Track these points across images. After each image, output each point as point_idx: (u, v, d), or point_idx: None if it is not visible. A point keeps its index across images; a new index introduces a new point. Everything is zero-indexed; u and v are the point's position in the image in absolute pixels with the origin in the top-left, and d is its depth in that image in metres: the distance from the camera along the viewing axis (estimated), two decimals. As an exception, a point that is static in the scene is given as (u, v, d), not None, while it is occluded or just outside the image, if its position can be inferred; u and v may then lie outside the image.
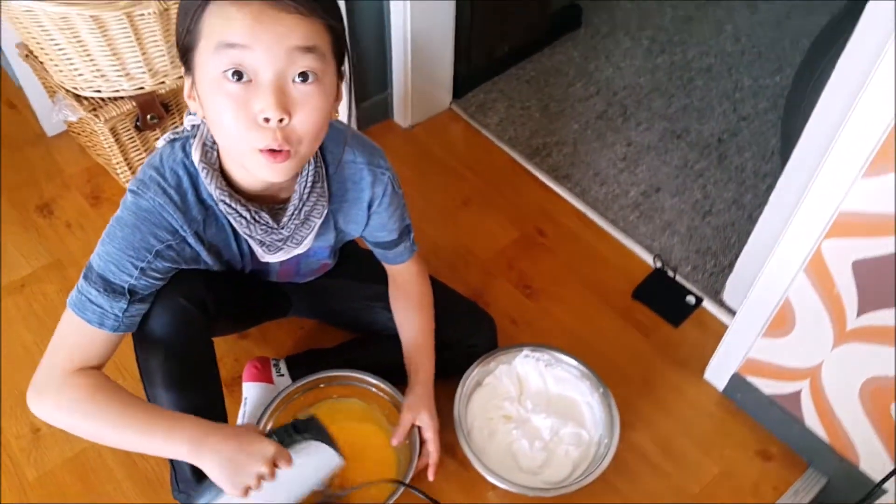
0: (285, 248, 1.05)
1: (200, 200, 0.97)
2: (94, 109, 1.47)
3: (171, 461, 1.14)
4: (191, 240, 0.98)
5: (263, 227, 1.00)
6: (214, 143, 0.95)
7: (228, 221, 0.99)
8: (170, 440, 0.93)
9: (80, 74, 1.42)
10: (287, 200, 1.01)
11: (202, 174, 0.94)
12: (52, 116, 1.57)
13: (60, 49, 1.38)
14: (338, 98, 0.92)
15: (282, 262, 1.11)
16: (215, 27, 0.80)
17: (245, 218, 0.97)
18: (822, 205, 1.01)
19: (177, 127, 1.05)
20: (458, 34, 1.84)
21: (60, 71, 1.45)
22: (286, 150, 0.85)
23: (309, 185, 1.00)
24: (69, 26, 1.32)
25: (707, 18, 2.29)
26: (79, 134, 1.75)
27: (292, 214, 1.01)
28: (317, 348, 1.39)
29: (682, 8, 2.33)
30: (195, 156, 0.94)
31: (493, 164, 1.83)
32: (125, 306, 0.94)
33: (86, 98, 1.48)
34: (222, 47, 0.80)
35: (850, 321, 1.08)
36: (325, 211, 1.05)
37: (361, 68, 1.77)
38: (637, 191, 1.77)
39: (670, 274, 1.57)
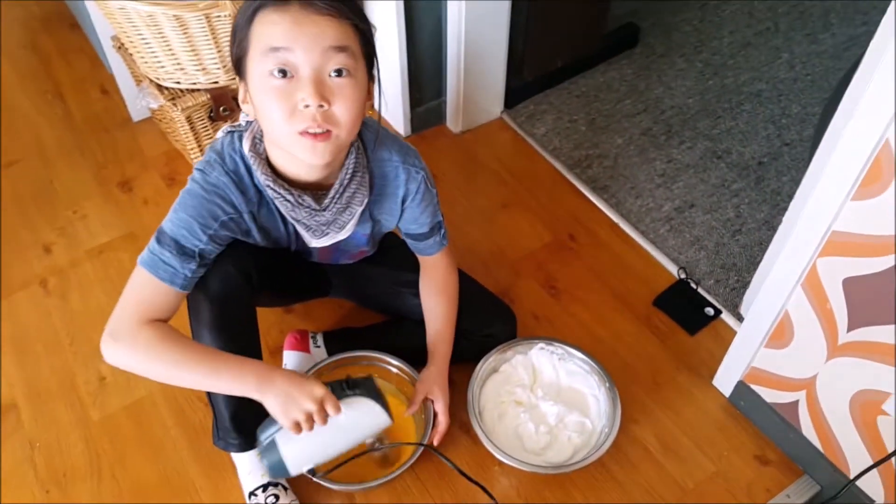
0: (330, 234, 1.18)
1: (255, 185, 1.11)
2: (173, 99, 1.64)
3: (214, 412, 1.28)
4: (246, 217, 1.12)
5: (307, 209, 1.13)
6: (262, 136, 1.09)
7: (276, 206, 1.13)
8: (239, 376, 1.06)
9: (162, 66, 1.60)
10: (330, 188, 1.14)
11: (251, 161, 1.08)
12: (137, 103, 1.75)
13: (147, 43, 1.56)
14: (369, 98, 1.05)
15: (320, 255, 1.24)
16: (262, 35, 0.97)
17: (289, 201, 1.11)
18: (816, 224, 1.08)
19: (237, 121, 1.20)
20: (512, 48, 1.95)
21: (146, 62, 1.63)
22: (326, 129, 0.99)
23: (350, 172, 1.13)
24: (155, 23, 1.49)
25: (765, 45, 2.33)
26: (160, 120, 1.93)
27: (334, 198, 1.14)
28: (351, 326, 1.53)
29: (741, 34, 2.37)
30: (245, 146, 1.09)
31: (536, 172, 1.93)
32: (195, 267, 1.08)
33: (167, 88, 1.66)
34: (268, 51, 0.96)
35: (841, 336, 1.14)
36: (366, 199, 1.18)
37: (418, 75, 1.90)
38: (671, 206, 1.84)
39: (693, 286, 1.64)
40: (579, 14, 2.05)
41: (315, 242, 1.19)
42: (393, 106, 1.95)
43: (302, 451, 1.12)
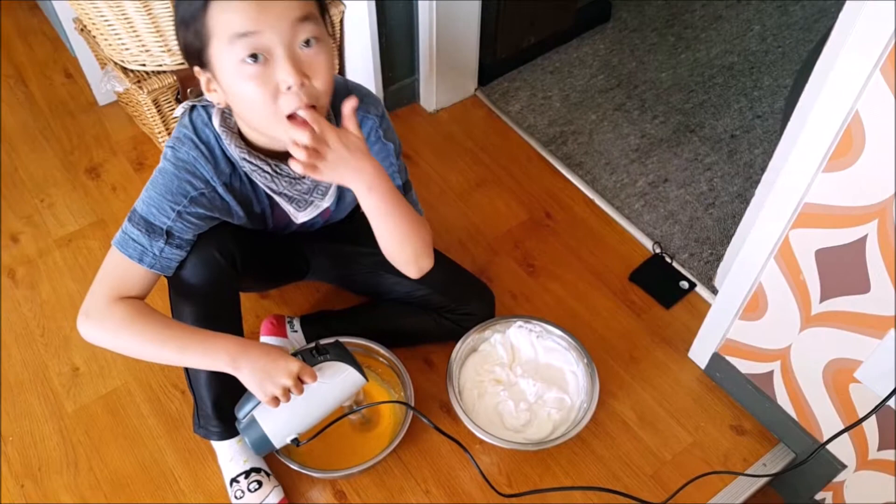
0: (314, 202, 1.17)
1: (227, 157, 1.09)
2: (139, 82, 1.61)
3: (195, 399, 1.27)
4: (220, 190, 1.10)
5: (286, 179, 1.11)
6: (231, 111, 1.06)
7: (250, 180, 1.11)
8: (211, 351, 1.05)
9: (126, 49, 1.56)
10: None
11: (223, 136, 1.07)
12: (102, 87, 1.71)
13: (110, 25, 1.52)
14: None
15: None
16: (224, 23, 0.93)
17: (268, 172, 1.10)
18: (789, 196, 1.09)
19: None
20: (485, 25, 1.93)
21: (110, 45, 1.59)
22: (313, 106, 0.97)
23: None
24: (117, 4, 1.46)
25: (736, 18, 2.33)
26: (126, 104, 1.89)
27: None
28: (328, 310, 1.52)
29: (713, 7, 2.37)
30: (215, 121, 1.07)
31: (510, 149, 1.92)
32: (162, 246, 1.06)
33: (132, 71, 1.62)
34: (236, 38, 0.93)
35: (814, 306, 1.15)
36: None
37: (390, 53, 1.88)
38: (645, 181, 1.85)
39: (668, 260, 1.65)
40: (551, -11, 2.04)
41: (301, 216, 1.18)
42: (365, 84, 1.90)
43: (284, 422, 1.12)
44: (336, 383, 1.14)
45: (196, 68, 1.02)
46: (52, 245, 1.70)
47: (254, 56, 0.93)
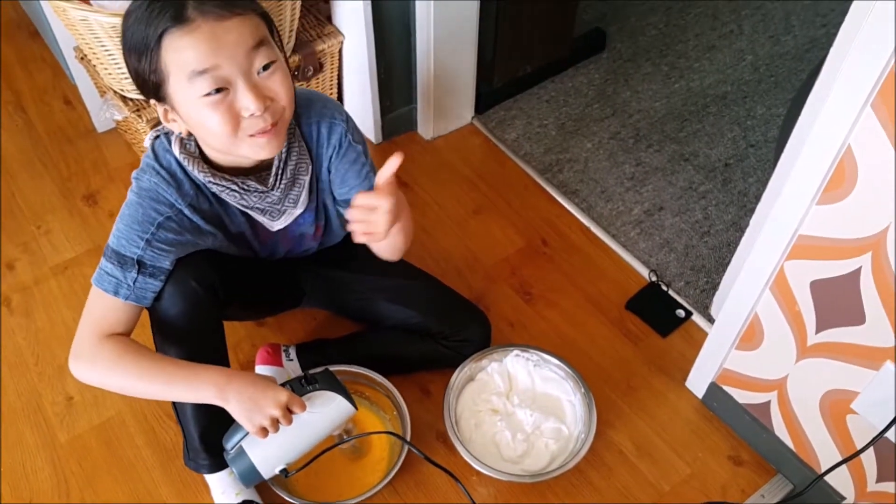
0: (286, 210, 1.18)
1: (191, 179, 1.10)
2: (138, 110, 1.62)
3: (184, 433, 1.26)
4: (186, 211, 1.10)
5: (256, 193, 1.12)
6: (190, 136, 1.07)
7: (218, 199, 1.12)
8: (197, 385, 1.05)
9: (126, 77, 1.57)
10: (270, 166, 1.13)
11: (185, 163, 1.08)
12: (101, 114, 1.72)
13: (110, 54, 1.53)
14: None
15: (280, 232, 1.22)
16: (181, 62, 0.94)
17: (236, 191, 1.11)
18: (783, 228, 1.10)
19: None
20: (481, 54, 1.96)
21: (109, 74, 1.60)
22: (273, 122, 1.00)
23: (286, 145, 1.12)
24: (118, 34, 1.46)
25: (729, 48, 2.36)
26: (125, 131, 1.90)
27: (277, 174, 1.13)
28: (324, 338, 1.52)
29: (706, 37, 2.40)
30: (175, 149, 1.08)
31: (507, 177, 1.93)
32: (135, 276, 1.06)
33: (131, 99, 1.63)
34: (195, 76, 0.94)
35: (810, 337, 1.16)
36: (310, 167, 1.16)
37: (388, 82, 1.89)
38: (640, 209, 1.86)
39: (664, 288, 1.66)
40: (547, 19, 2.06)
41: (276, 225, 1.19)
42: (364, 113, 1.94)
43: (271, 453, 1.11)
44: (325, 413, 1.13)
45: (152, 101, 1.03)
46: (47, 272, 1.69)
47: (217, 89, 0.95)
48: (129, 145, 1.97)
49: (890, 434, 1.07)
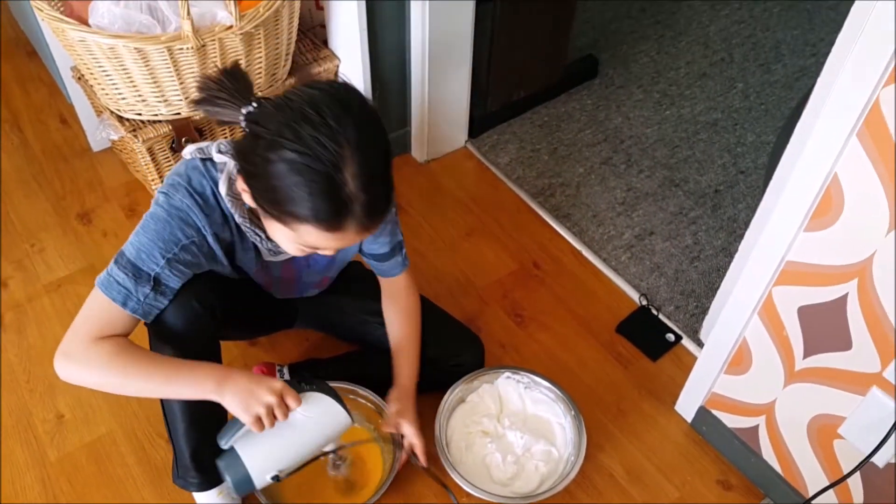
0: (307, 264, 1.21)
1: (221, 210, 1.10)
2: (134, 130, 1.63)
3: (174, 450, 1.26)
4: (210, 239, 1.11)
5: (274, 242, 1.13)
6: (238, 175, 1.06)
7: (240, 233, 1.13)
8: (196, 379, 1.05)
9: (123, 98, 1.59)
10: None
11: (228, 203, 1.08)
12: (98, 134, 1.73)
13: (107, 75, 1.54)
14: None
15: (283, 274, 1.23)
16: (307, 234, 0.97)
17: (261, 237, 1.13)
18: (771, 255, 1.11)
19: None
20: (476, 79, 1.98)
21: (106, 94, 1.61)
22: None
23: None
24: (116, 56, 1.48)
25: (720, 76, 2.39)
26: (121, 151, 1.91)
27: None
28: (317, 357, 1.52)
29: (697, 64, 2.44)
30: (222, 189, 1.07)
31: (500, 200, 1.95)
32: (148, 291, 1.06)
33: (127, 119, 1.65)
34: (306, 245, 1.01)
35: (798, 362, 1.17)
36: None
37: (383, 105, 1.91)
38: (631, 233, 1.88)
39: (654, 312, 1.67)
40: (540, 46, 2.09)
41: (275, 258, 1.20)
42: (357, 136, 1.95)
43: (265, 457, 1.10)
44: (319, 417, 1.12)
45: (242, 179, 1.01)
46: (40, 290, 1.70)
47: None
48: (125, 164, 1.98)
49: (876, 459, 1.08)
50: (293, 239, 1.00)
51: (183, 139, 1.66)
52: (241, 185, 1.03)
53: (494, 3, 1.85)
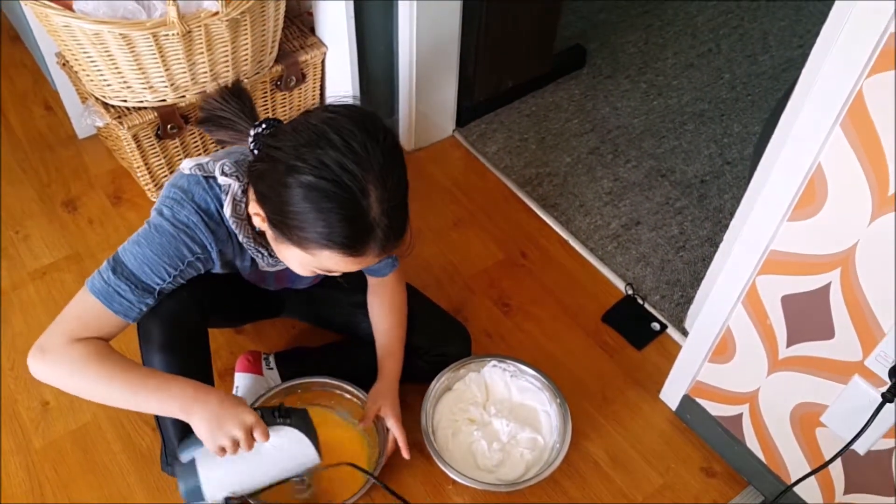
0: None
1: (226, 227, 1.09)
2: (120, 117, 1.62)
3: (163, 437, 1.26)
4: (214, 255, 1.10)
5: (276, 258, 1.13)
6: (242, 196, 1.06)
7: (240, 247, 1.13)
8: (164, 397, 1.03)
9: (108, 85, 1.58)
10: None
11: (232, 224, 1.06)
12: (83, 120, 1.72)
13: (92, 61, 1.53)
14: None
15: (277, 275, 1.24)
16: (327, 259, 0.97)
17: (263, 254, 1.13)
18: (755, 244, 1.12)
19: (200, 153, 1.17)
20: (463, 68, 1.98)
21: (91, 80, 1.60)
22: None
23: None
24: (101, 41, 1.47)
25: (707, 66, 2.40)
26: (106, 138, 1.90)
27: None
28: (303, 346, 1.52)
29: (684, 55, 2.44)
30: (227, 211, 1.05)
31: (487, 189, 1.95)
32: (151, 303, 1.06)
33: (112, 106, 1.63)
34: (322, 269, 1.01)
35: (781, 351, 1.18)
36: None
37: (370, 94, 1.91)
38: (618, 223, 1.88)
39: (640, 301, 1.68)
40: (528, 35, 2.09)
41: (272, 269, 1.20)
42: (344, 124, 1.95)
43: (222, 478, 1.10)
44: (287, 452, 1.11)
45: (255, 202, 1.01)
46: (25, 278, 1.68)
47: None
48: (110, 152, 1.96)
49: (857, 446, 1.09)
50: (309, 263, 0.99)
51: (168, 126, 1.65)
52: (253, 209, 1.01)
53: (483, -8, 1.85)
